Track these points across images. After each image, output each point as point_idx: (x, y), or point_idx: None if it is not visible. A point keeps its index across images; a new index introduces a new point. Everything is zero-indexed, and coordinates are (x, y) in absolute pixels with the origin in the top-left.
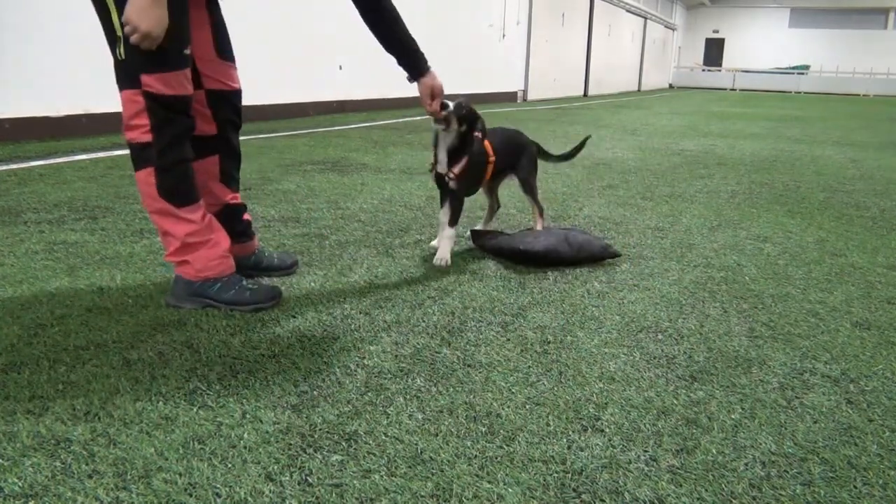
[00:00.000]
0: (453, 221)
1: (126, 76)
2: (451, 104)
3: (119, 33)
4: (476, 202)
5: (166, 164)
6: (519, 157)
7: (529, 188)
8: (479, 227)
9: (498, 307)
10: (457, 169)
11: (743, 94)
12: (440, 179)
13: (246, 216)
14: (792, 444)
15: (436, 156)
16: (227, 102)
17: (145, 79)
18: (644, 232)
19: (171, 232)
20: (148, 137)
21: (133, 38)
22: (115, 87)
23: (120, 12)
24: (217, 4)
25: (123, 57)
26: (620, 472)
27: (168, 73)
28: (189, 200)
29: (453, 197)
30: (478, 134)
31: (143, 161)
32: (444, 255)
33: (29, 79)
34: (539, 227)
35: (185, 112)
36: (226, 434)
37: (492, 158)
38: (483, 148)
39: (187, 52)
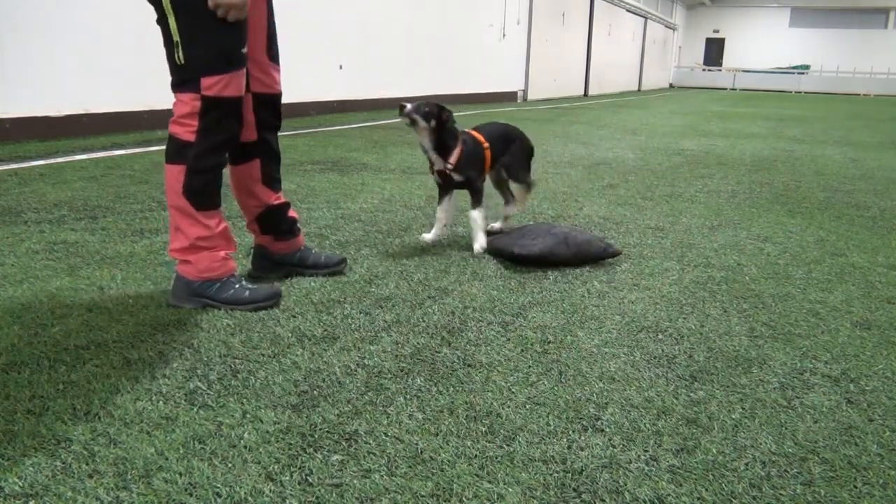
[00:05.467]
0: (476, 203)
1: (184, 80)
2: (409, 105)
3: (176, 38)
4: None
5: (199, 167)
6: (509, 146)
7: (514, 173)
8: (498, 224)
9: (498, 307)
10: (452, 159)
11: (743, 94)
12: (442, 175)
13: (291, 213)
14: (792, 444)
15: (429, 157)
16: (269, 106)
17: (205, 81)
18: (644, 232)
19: (184, 230)
20: (191, 138)
21: (220, 12)
22: (117, 87)
23: (178, 18)
24: (272, 5)
25: (183, 61)
26: (621, 471)
27: (229, 73)
28: (210, 205)
29: (469, 185)
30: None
31: (179, 157)
32: (482, 242)
33: (29, 79)
34: (512, 210)
35: (236, 115)
36: (226, 434)
37: (486, 145)
38: (474, 138)
39: (244, 50)
